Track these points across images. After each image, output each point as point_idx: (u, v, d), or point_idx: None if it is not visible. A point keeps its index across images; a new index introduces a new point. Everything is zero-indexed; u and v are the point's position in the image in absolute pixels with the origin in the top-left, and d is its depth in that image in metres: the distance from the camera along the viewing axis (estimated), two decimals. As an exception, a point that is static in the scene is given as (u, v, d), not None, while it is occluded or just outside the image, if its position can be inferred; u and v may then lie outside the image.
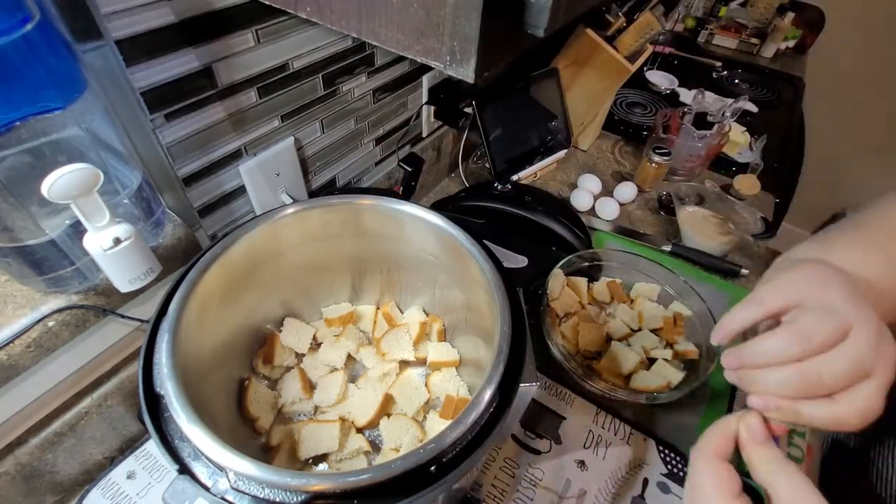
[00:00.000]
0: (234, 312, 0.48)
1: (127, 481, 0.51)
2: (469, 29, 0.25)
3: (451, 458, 0.32)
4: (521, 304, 0.42)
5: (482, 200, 0.79)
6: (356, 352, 0.57)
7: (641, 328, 0.66)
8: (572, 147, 1.05)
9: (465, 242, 0.46)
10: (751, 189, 0.93)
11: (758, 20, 1.61)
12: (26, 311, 0.40)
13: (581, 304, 0.69)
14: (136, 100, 0.42)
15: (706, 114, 0.98)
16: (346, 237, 0.53)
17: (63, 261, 0.40)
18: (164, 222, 0.48)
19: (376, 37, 0.31)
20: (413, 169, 0.61)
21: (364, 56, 0.63)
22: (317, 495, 0.30)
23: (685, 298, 0.67)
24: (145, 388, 0.34)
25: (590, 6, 0.32)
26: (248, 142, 0.55)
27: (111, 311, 0.45)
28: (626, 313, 0.68)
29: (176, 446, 0.32)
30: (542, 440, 0.57)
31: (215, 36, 0.45)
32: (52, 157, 0.35)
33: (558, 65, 0.91)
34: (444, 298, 0.57)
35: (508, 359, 0.37)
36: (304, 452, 0.48)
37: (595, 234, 0.86)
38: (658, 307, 0.69)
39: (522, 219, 0.76)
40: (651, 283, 0.70)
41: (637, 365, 0.60)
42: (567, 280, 0.69)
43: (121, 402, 0.51)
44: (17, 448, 0.44)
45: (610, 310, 0.69)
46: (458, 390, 0.53)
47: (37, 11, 0.31)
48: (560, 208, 0.81)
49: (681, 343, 0.64)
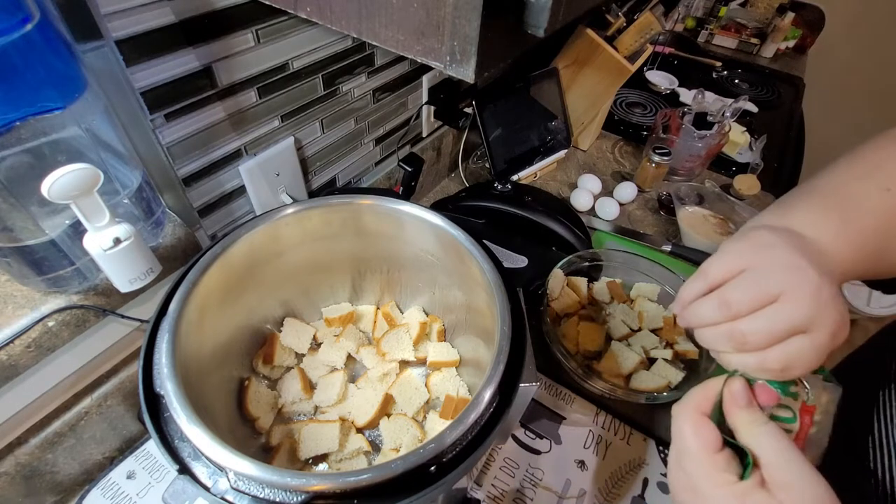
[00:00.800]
0: (234, 312, 0.48)
1: (127, 481, 0.51)
2: (469, 29, 0.25)
3: (451, 458, 0.32)
4: (521, 304, 0.42)
5: (482, 200, 0.79)
6: (356, 352, 0.57)
7: (641, 328, 0.66)
8: (572, 147, 1.05)
9: (465, 242, 0.46)
10: (751, 189, 0.93)
11: (758, 20, 1.61)
12: (26, 311, 0.40)
13: (581, 304, 0.69)
14: (136, 100, 0.42)
15: (706, 114, 0.98)
16: (346, 237, 0.53)
17: (63, 261, 0.39)
18: (164, 222, 0.48)
19: (376, 37, 0.31)
20: (413, 169, 0.61)
21: (364, 56, 0.63)
22: (317, 495, 0.30)
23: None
24: (145, 388, 0.34)
25: (590, 6, 0.32)
26: (248, 142, 0.55)
27: (111, 312, 0.45)
28: (626, 313, 0.68)
29: (176, 446, 0.32)
30: (542, 440, 0.57)
31: (215, 36, 0.45)
32: (52, 157, 0.35)
33: (558, 65, 0.91)
34: (444, 298, 0.57)
35: (508, 359, 0.37)
36: (304, 452, 0.48)
37: (595, 234, 0.86)
38: (658, 307, 0.69)
39: (522, 219, 0.76)
40: (651, 284, 0.70)
41: (637, 365, 0.60)
42: (567, 280, 0.69)
43: (121, 402, 0.51)
44: (17, 448, 0.44)
45: (610, 310, 0.69)
46: (458, 390, 0.53)
47: (37, 11, 0.31)
48: (560, 208, 0.81)
49: (681, 343, 0.64)
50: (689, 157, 0.96)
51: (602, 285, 0.71)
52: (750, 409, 0.30)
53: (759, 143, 1.06)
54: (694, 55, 1.48)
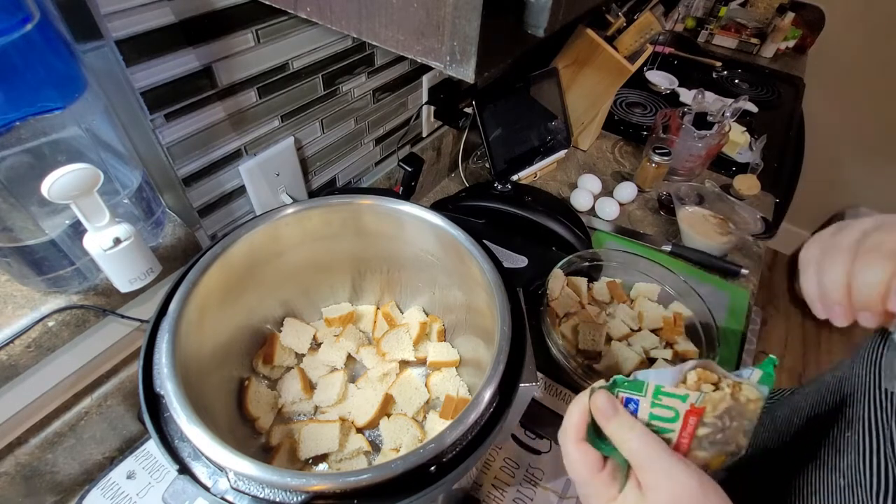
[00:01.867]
0: (234, 312, 0.48)
1: (127, 481, 0.51)
2: (469, 29, 0.25)
3: (451, 458, 0.32)
4: (521, 304, 0.42)
5: (482, 200, 0.79)
6: (356, 352, 0.57)
7: (641, 328, 0.66)
8: (572, 147, 1.05)
9: (465, 242, 0.46)
10: (751, 189, 0.93)
11: (758, 20, 1.61)
12: (26, 311, 0.40)
13: (581, 303, 0.69)
14: (136, 100, 0.42)
15: (706, 114, 0.98)
16: (346, 237, 0.53)
17: (63, 261, 0.40)
18: (164, 222, 0.48)
19: (376, 37, 0.31)
20: (413, 169, 0.61)
21: (364, 56, 0.63)
22: (317, 495, 0.30)
23: (685, 298, 0.67)
24: (145, 388, 0.34)
25: (590, 6, 0.32)
26: (248, 142, 0.55)
27: (111, 312, 0.45)
28: (626, 313, 0.67)
29: (176, 446, 0.32)
30: (542, 440, 0.57)
31: (215, 36, 0.45)
32: (52, 157, 0.35)
33: (558, 65, 0.91)
34: (444, 298, 0.57)
35: (508, 359, 0.37)
36: (304, 452, 0.48)
37: (595, 234, 0.86)
38: (658, 307, 0.69)
39: (522, 219, 0.76)
40: (651, 284, 0.70)
41: (637, 365, 0.60)
42: (567, 280, 0.69)
43: (121, 402, 0.51)
44: (17, 448, 0.44)
45: (610, 310, 0.69)
46: (458, 390, 0.53)
47: (37, 11, 0.31)
48: (560, 208, 0.81)
49: (681, 343, 0.64)
50: (689, 157, 0.96)
51: (602, 285, 0.71)
52: (617, 417, 0.31)
53: (759, 143, 1.06)
54: (694, 55, 1.48)
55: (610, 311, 0.69)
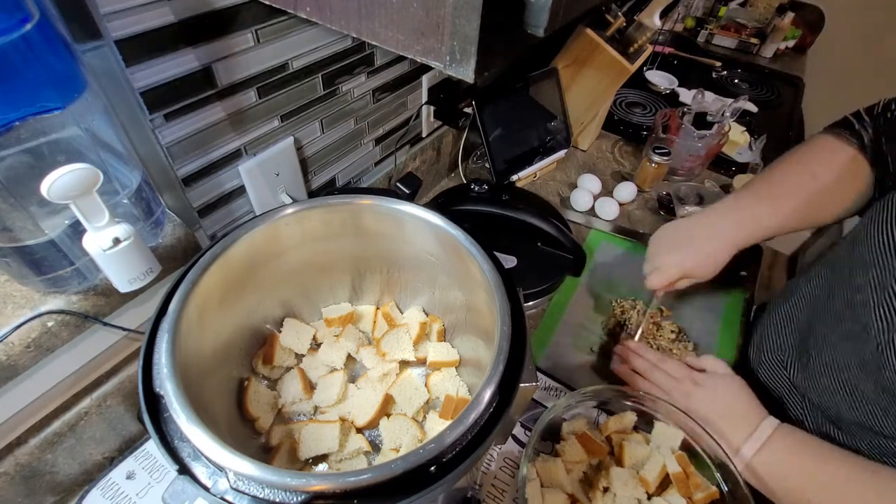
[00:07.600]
0: (234, 312, 0.48)
1: (127, 481, 0.51)
2: (469, 29, 0.25)
3: (451, 458, 0.32)
4: (521, 304, 0.42)
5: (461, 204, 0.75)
6: (356, 352, 0.57)
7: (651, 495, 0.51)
8: (572, 147, 1.05)
9: (465, 242, 0.46)
10: (751, 189, 0.93)
11: (757, 20, 1.61)
12: (26, 312, 0.40)
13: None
14: (136, 100, 0.42)
15: (706, 114, 0.98)
16: (346, 237, 0.53)
17: (62, 261, 0.39)
18: (163, 222, 0.48)
19: (376, 37, 0.31)
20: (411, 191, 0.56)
21: (364, 56, 0.63)
22: (317, 495, 0.29)
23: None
24: (145, 388, 0.34)
25: (590, 6, 0.32)
26: (247, 142, 0.55)
27: (94, 318, 0.43)
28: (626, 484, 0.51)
29: (176, 446, 0.32)
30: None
31: (215, 36, 0.45)
32: (51, 157, 0.35)
33: (558, 65, 0.91)
34: (444, 298, 0.57)
35: (508, 359, 0.37)
36: (304, 452, 0.48)
37: (590, 234, 0.86)
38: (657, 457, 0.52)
39: (503, 218, 0.73)
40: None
41: None
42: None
43: (121, 402, 0.51)
44: (16, 448, 0.44)
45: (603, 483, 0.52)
46: (457, 390, 0.53)
47: (36, 11, 0.31)
48: (536, 202, 0.83)
49: (701, 489, 0.50)
50: (689, 157, 0.96)
51: None
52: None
53: (759, 142, 1.06)
54: (694, 55, 1.48)
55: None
